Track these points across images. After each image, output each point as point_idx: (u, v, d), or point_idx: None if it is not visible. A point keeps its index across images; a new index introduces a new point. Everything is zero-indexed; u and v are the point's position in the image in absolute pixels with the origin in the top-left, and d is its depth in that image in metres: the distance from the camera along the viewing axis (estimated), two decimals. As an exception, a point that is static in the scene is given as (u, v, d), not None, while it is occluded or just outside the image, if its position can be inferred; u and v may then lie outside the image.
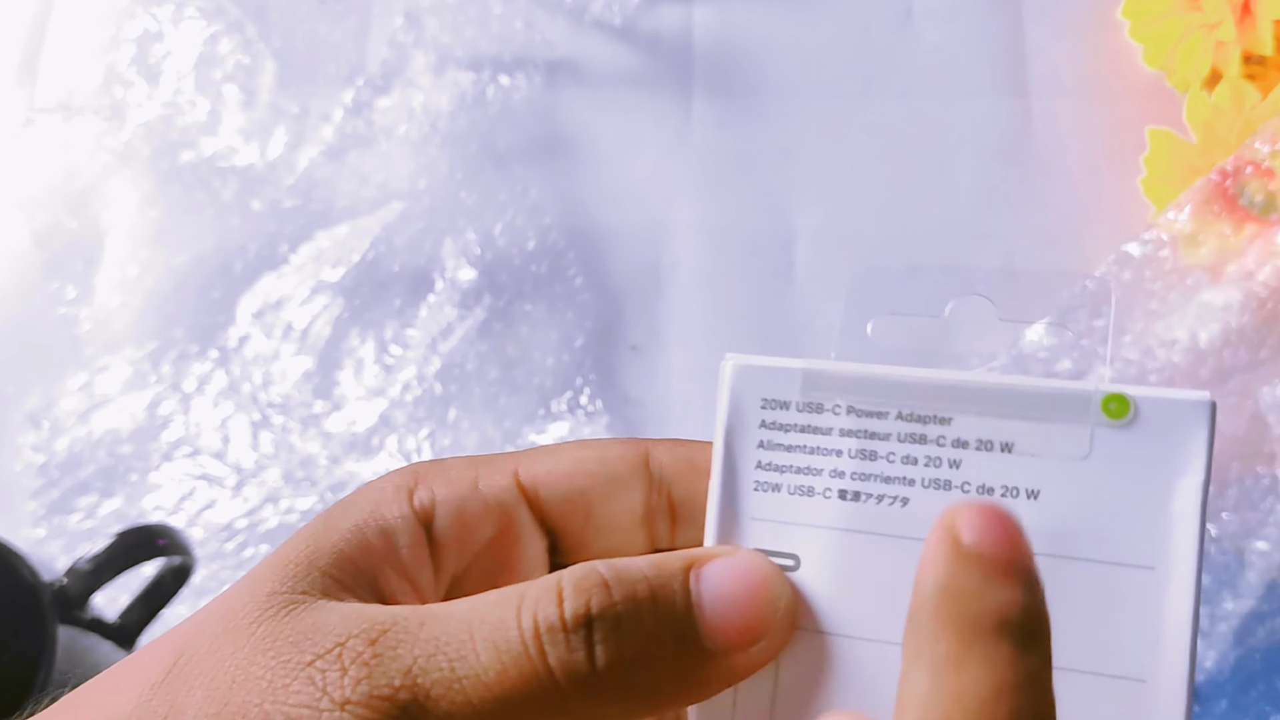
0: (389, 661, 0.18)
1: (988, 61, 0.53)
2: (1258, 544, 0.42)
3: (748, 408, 0.21)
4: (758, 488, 0.21)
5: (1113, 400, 0.19)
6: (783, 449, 0.21)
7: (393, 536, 0.21)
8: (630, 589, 0.18)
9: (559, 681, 0.18)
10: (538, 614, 0.18)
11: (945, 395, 0.20)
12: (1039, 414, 0.19)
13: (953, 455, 0.20)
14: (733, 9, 0.55)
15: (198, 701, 0.18)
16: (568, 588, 0.18)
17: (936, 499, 0.19)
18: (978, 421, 0.19)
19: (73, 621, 0.38)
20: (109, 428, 0.50)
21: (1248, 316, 0.43)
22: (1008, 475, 0.19)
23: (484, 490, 0.22)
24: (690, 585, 0.19)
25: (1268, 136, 0.44)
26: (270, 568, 0.20)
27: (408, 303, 0.51)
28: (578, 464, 0.22)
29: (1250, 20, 0.47)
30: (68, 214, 0.54)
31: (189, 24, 0.57)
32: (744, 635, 0.19)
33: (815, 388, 0.21)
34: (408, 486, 0.22)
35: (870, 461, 0.20)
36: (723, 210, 0.52)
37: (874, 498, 0.20)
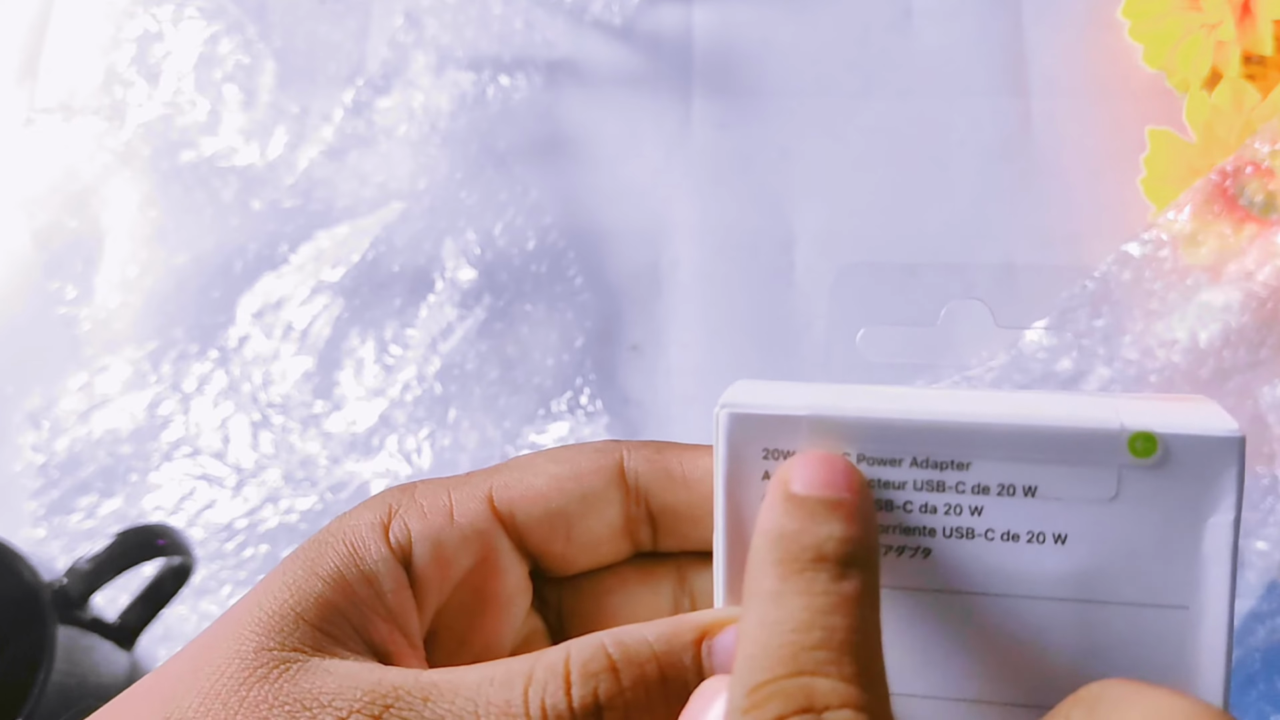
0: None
1: (988, 61, 0.53)
2: (1257, 544, 0.42)
3: (748, 460, 0.19)
4: None
5: (1139, 439, 0.18)
6: None
7: (376, 581, 0.20)
8: (639, 671, 0.18)
9: None
10: (545, 700, 0.18)
11: (962, 439, 0.19)
12: (1063, 456, 0.18)
13: (974, 502, 0.19)
14: (733, 9, 0.55)
15: None
16: (575, 672, 0.18)
17: (959, 548, 0.19)
18: (998, 466, 0.18)
19: (73, 621, 0.38)
20: (109, 428, 0.50)
21: (1247, 316, 0.43)
22: (1032, 520, 0.18)
23: (460, 521, 0.21)
24: (702, 659, 0.18)
25: (1268, 136, 0.44)
26: (253, 618, 0.19)
27: (408, 303, 0.51)
28: (552, 482, 0.22)
29: (1250, 20, 0.47)
30: (68, 214, 0.54)
31: (189, 24, 0.57)
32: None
33: (822, 437, 0.19)
34: (381, 522, 0.21)
35: (886, 512, 0.19)
36: (723, 210, 0.52)
37: (894, 550, 0.19)
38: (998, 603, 0.19)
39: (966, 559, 0.19)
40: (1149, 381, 0.44)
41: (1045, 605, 0.18)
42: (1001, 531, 0.19)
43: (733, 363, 0.49)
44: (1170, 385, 0.43)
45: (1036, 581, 0.18)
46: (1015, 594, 0.18)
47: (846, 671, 0.16)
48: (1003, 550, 0.18)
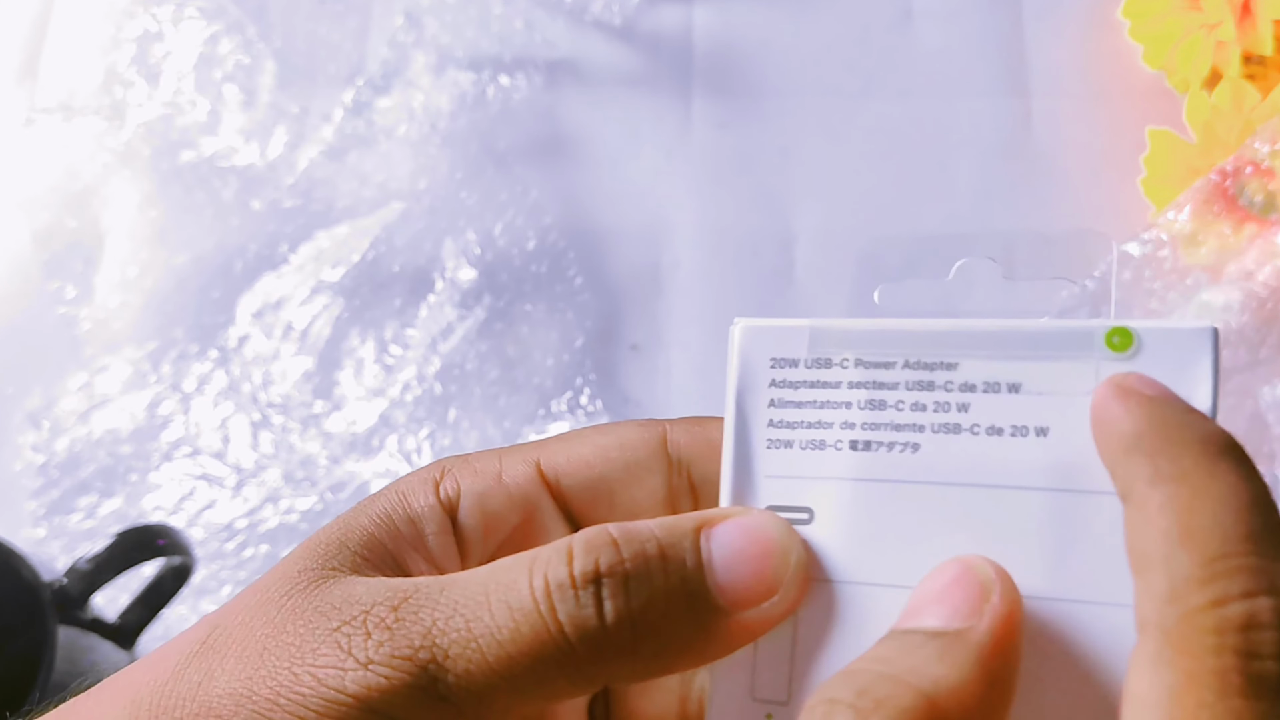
0: (410, 624, 0.18)
1: (988, 61, 0.53)
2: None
3: (757, 368, 0.21)
4: (770, 445, 0.21)
5: (1116, 334, 0.19)
6: (793, 405, 0.21)
7: (419, 524, 0.22)
8: (639, 548, 0.19)
9: (569, 638, 0.18)
10: (548, 573, 0.19)
11: (950, 341, 0.20)
12: (1044, 353, 0.19)
13: (961, 399, 0.20)
14: (733, 9, 0.55)
15: (230, 668, 0.19)
16: (578, 547, 0.19)
17: (946, 443, 0.20)
18: (983, 364, 0.20)
19: (73, 621, 0.38)
20: (109, 428, 0.50)
21: (1247, 316, 0.43)
22: (1016, 415, 0.19)
23: (507, 481, 0.22)
24: (701, 544, 0.19)
25: (1268, 136, 0.44)
26: (302, 550, 0.21)
27: (408, 303, 0.51)
28: (597, 451, 0.23)
29: (1250, 20, 0.47)
30: (68, 214, 0.54)
31: (189, 24, 0.57)
32: (755, 591, 0.19)
33: (823, 343, 0.21)
34: (434, 478, 0.22)
35: (880, 411, 0.20)
36: (723, 210, 0.52)
37: (885, 446, 0.20)
38: (982, 494, 0.19)
39: (953, 453, 0.20)
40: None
41: (1026, 495, 0.19)
42: (986, 426, 0.20)
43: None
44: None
45: (1018, 473, 0.19)
46: (998, 485, 0.19)
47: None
48: (987, 444, 0.20)
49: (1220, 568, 0.15)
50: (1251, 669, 0.14)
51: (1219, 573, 0.15)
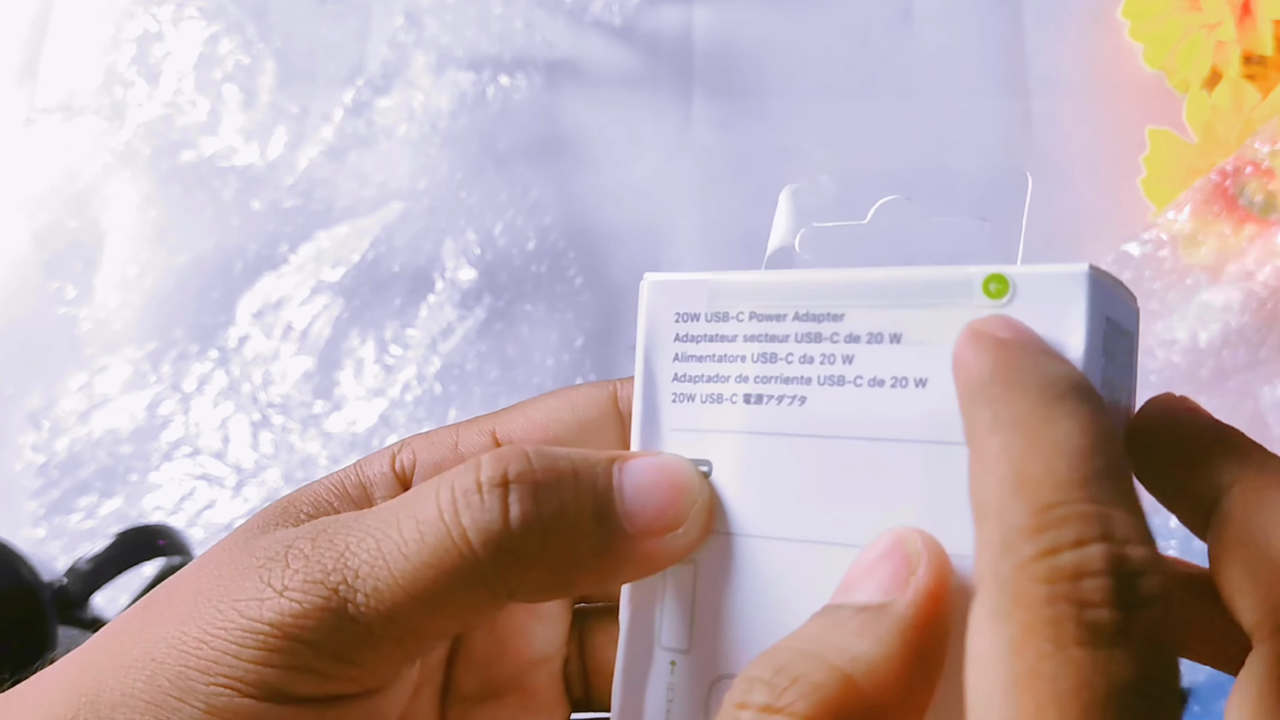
0: (324, 550, 0.19)
1: (988, 61, 0.53)
2: (1258, 544, 0.42)
3: (663, 322, 0.22)
4: (675, 399, 0.21)
5: (993, 280, 0.19)
6: (695, 359, 0.21)
7: (369, 489, 0.22)
8: (552, 463, 0.19)
9: (473, 544, 0.18)
10: (455, 483, 0.19)
11: (838, 291, 0.20)
12: (924, 301, 0.19)
13: (846, 350, 0.20)
14: (733, 9, 0.55)
15: (167, 616, 0.19)
16: (486, 458, 0.19)
17: (831, 395, 0.20)
18: (868, 314, 0.20)
19: (73, 621, 0.38)
20: (109, 428, 0.50)
21: (1247, 316, 0.43)
22: (897, 365, 0.19)
23: (463, 451, 0.23)
24: (614, 473, 0.20)
25: (1267, 136, 0.44)
26: (252, 518, 0.21)
27: (408, 303, 0.51)
28: (550, 414, 0.23)
29: (1250, 20, 0.47)
30: (68, 214, 0.54)
31: (189, 24, 0.57)
32: (660, 521, 0.20)
33: (721, 297, 0.21)
34: (392, 452, 0.23)
35: (771, 364, 0.20)
36: (723, 210, 0.52)
37: (774, 399, 0.20)
38: (865, 447, 0.19)
39: (838, 405, 0.20)
40: (1149, 382, 0.44)
41: (907, 448, 0.19)
42: (869, 378, 0.19)
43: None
44: (1170, 385, 0.43)
45: (899, 425, 0.19)
46: (880, 438, 0.19)
47: (1134, 505, 0.15)
48: (870, 396, 0.19)
49: (1051, 516, 0.15)
50: (1085, 618, 0.14)
51: (1050, 521, 0.15)
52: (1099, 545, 0.15)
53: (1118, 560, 0.14)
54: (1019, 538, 0.15)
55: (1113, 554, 0.14)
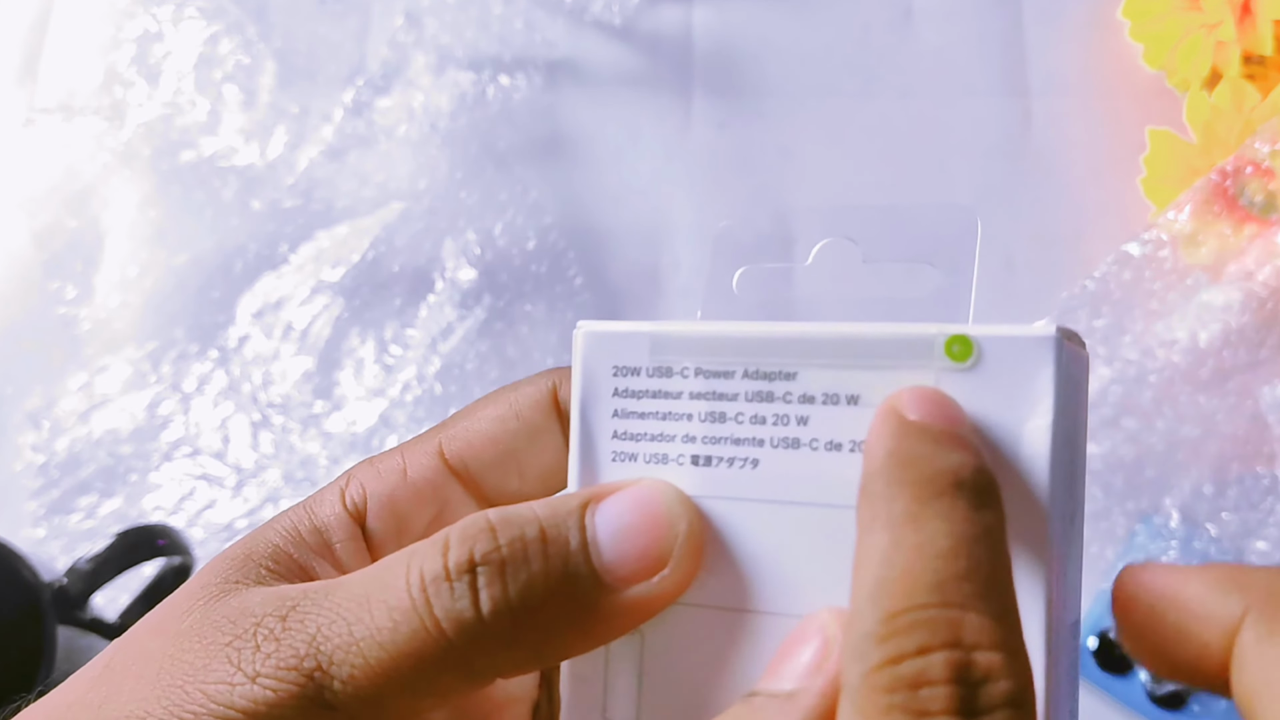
0: (295, 633, 0.18)
1: (988, 61, 0.53)
2: (1258, 544, 0.42)
3: (600, 377, 0.20)
4: (615, 459, 0.20)
5: (956, 342, 0.18)
6: (636, 416, 0.20)
7: (326, 533, 0.21)
8: (518, 531, 0.18)
9: (447, 634, 0.18)
10: (424, 568, 0.18)
11: (790, 348, 0.19)
12: (882, 362, 0.18)
13: (800, 411, 0.19)
14: (733, 9, 0.55)
15: (129, 689, 0.18)
16: (453, 537, 0.18)
17: (786, 459, 0.19)
18: (822, 374, 0.19)
19: (73, 621, 0.38)
20: (109, 428, 0.50)
21: (1248, 316, 0.43)
22: (856, 429, 0.18)
23: (413, 478, 0.22)
24: (585, 521, 0.19)
25: (1268, 136, 0.44)
26: (208, 567, 0.20)
27: (408, 303, 0.51)
28: (496, 424, 0.22)
29: (1250, 20, 0.47)
30: (68, 214, 0.54)
31: (189, 24, 0.57)
32: (642, 565, 0.19)
33: (663, 351, 0.20)
34: (340, 487, 0.22)
35: (720, 424, 0.19)
36: (723, 210, 0.52)
37: (724, 461, 0.19)
38: (821, 513, 0.19)
39: (793, 469, 0.19)
40: (1149, 382, 0.44)
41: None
42: (826, 441, 0.19)
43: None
44: (1170, 385, 0.43)
45: (857, 492, 0.18)
46: (838, 504, 0.18)
47: (994, 608, 0.15)
48: (826, 460, 0.19)
49: (899, 622, 0.15)
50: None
51: (898, 628, 0.15)
52: (942, 653, 0.14)
53: (961, 667, 0.14)
54: (867, 644, 0.15)
55: (956, 661, 0.14)
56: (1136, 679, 0.41)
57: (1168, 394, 0.43)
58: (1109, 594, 0.18)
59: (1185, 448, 0.43)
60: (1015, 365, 0.17)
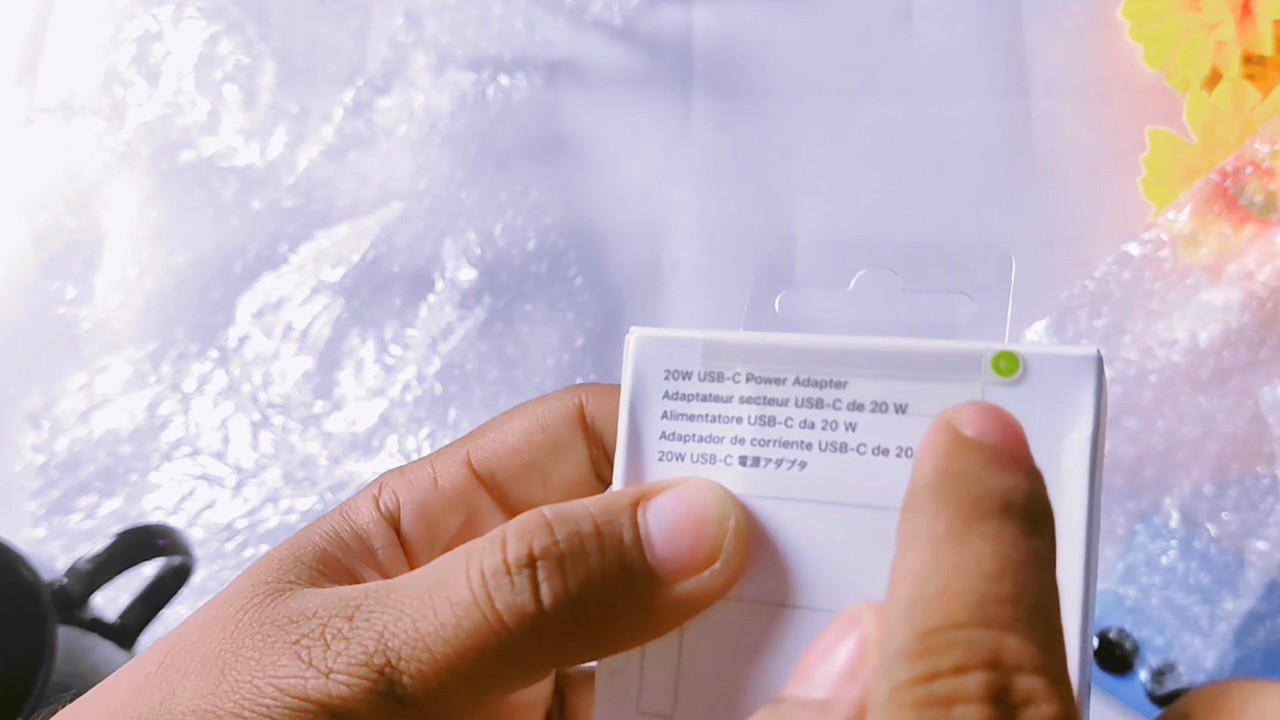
0: (363, 631, 0.19)
1: (988, 61, 0.53)
2: (1258, 544, 0.42)
3: (651, 379, 0.21)
4: (662, 458, 0.21)
5: (1002, 358, 0.19)
6: (685, 419, 0.21)
7: (367, 539, 0.22)
8: (574, 527, 0.19)
9: (509, 627, 0.18)
10: (483, 563, 0.19)
11: (840, 359, 0.20)
12: (931, 374, 0.19)
13: (849, 418, 0.20)
14: (733, 9, 0.55)
15: (191, 685, 0.19)
16: (511, 533, 0.19)
17: (833, 461, 0.20)
18: (872, 384, 0.20)
19: (73, 621, 0.38)
20: (109, 428, 0.50)
21: (1248, 316, 0.43)
22: (903, 436, 0.19)
23: (444, 485, 0.23)
24: (638, 519, 0.19)
25: (1268, 136, 0.44)
26: (256, 566, 0.21)
27: (408, 303, 0.51)
28: (523, 437, 0.23)
29: (1250, 20, 0.47)
30: (68, 214, 0.54)
31: (189, 24, 0.57)
32: (694, 560, 0.19)
33: (716, 357, 0.21)
34: (373, 495, 0.22)
35: (769, 427, 0.20)
36: (723, 210, 0.52)
37: (773, 463, 0.20)
38: (867, 514, 0.19)
39: (840, 472, 0.20)
40: (1149, 382, 0.44)
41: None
42: (873, 446, 0.20)
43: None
44: (1170, 385, 0.43)
45: (902, 494, 0.18)
46: (883, 506, 0.19)
47: (1038, 634, 0.15)
48: (873, 464, 0.19)
49: (935, 641, 0.14)
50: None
51: (932, 647, 0.14)
52: (980, 673, 0.14)
53: (1000, 689, 0.14)
54: (898, 661, 0.15)
55: (994, 683, 0.14)
56: (1136, 679, 0.41)
57: (1168, 394, 0.43)
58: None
59: (1185, 448, 0.43)
60: (1059, 382, 0.19)
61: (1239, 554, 0.42)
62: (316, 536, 0.21)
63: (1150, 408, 0.43)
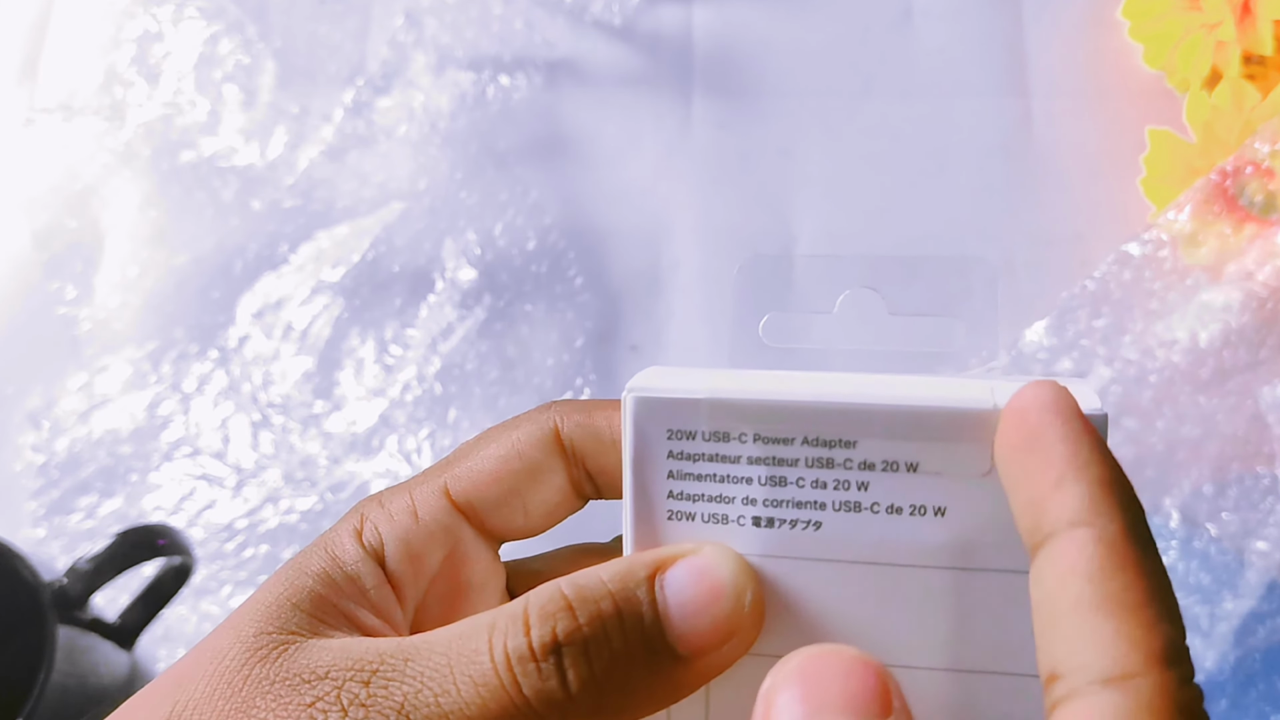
0: (383, 700, 0.18)
1: (988, 61, 0.53)
2: (1258, 544, 0.42)
3: (653, 440, 0.21)
4: (672, 517, 0.21)
5: None
6: (693, 478, 0.21)
7: (359, 580, 0.22)
8: (595, 609, 0.19)
9: (536, 709, 0.18)
10: (508, 644, 0.19)
11: (850, 419, 0.20)
12: (941, 434, 0.19)
13: (860, 478, 0.20)
14: (733, 9, 0.55)
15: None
16: (533, 615, 0.19)
17: (848, 521, 0.20)
18: (882, 444, 0.20)
19: (73, 621, 0.38)
20: (109, 428, 0.50)
21: (1247, 316, 0.43)
22: (914, 494, 0.19)
23: (425, 519, 0.23)
24: (655, 593, 0.19)
25: (1267, 136, 0.44)
26: (253, 613, 0.20)
27: (408, 303, 0.51)
28: (500, 464, 0.23)
29: (1250, 20, 0.47)
30: (68, 214, 0.54)
31: (189, 24, 0.57)
32: (713, 637, 0.19)
33: (720, 418, 0.20)
34: (355, 530, 0.22)
35: (781, 488, 0.20)
36: (723, 210, 0.52)
37: (787, 523, 0.20)
38: (883, 571, 0.20)
39: (855, 531, 0.20)
40: (1149, 382, 0.44)
41: (925, 573, 0.20)
42: (886, 505, 0.20)
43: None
44: (1170, 385, 0.43)
45: (918, 552, 0.19)
46: (899, 563, 0.20)
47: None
48: (887, 522, 0.20)
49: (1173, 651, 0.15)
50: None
51: (1176, 655, 0.15)
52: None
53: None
54: (1161, 637, 0.16)
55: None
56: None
57: (1168, 394, 0.43)
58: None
59: (1185, 448, 0.43)
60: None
61: (1239, 554, 0.42)
62: (308, 579, 0.21)
63: (1150, 408, 0.43)
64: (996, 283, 0.21)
